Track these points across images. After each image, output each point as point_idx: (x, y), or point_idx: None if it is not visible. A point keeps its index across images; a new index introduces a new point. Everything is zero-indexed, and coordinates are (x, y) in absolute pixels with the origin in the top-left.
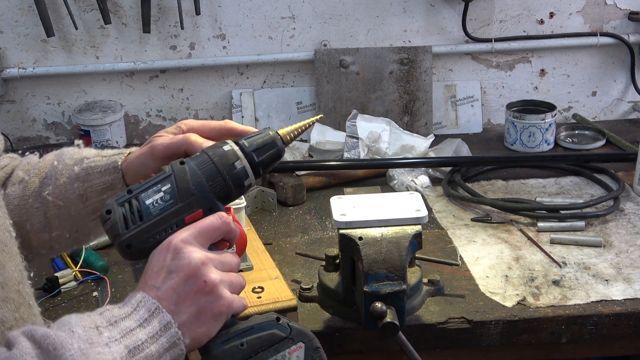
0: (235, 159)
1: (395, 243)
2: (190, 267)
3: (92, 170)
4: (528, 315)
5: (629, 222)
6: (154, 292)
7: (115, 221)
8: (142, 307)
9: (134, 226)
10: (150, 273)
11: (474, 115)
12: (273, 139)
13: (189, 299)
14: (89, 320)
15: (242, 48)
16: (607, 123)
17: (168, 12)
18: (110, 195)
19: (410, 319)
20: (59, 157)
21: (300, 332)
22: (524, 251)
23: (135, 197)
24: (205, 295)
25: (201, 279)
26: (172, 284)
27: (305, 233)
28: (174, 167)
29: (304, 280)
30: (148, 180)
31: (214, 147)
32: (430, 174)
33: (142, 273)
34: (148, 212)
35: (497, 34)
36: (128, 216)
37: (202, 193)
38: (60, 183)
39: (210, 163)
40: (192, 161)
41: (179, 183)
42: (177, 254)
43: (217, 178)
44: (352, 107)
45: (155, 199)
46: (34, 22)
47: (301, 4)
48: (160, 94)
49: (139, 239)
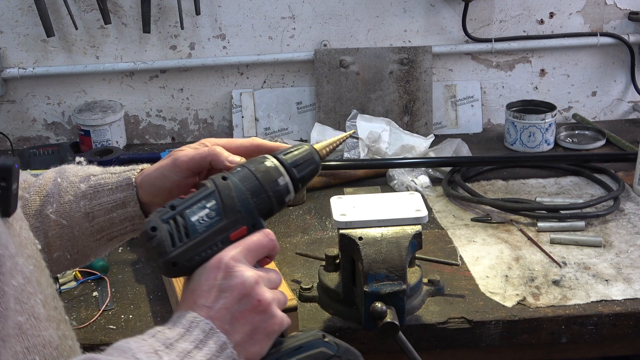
0: (279, 175)
1: (395, 243)
2: (244, 286)
3: (100, 188)
4: (528, 315)
5: (629, 222)
6: (205, 311)
7: (162, 239)
8: (195, 328)
9: (180, 244)
10: (199, 292)
11: (474, 115)
12: (312, 154)
13: (242, 318)
14: (147, 345)
15: (242, 48)
16: (607, 123)
17: (168, 12)
18: (120, 213)
19: (410, 319)
20: (61, 174)
21: (347, 349)
22: (524, 251)
23: (179, 214)
24: (258, 314)
25: (255, 298)
26: (225, 304)
27: (305, 233)
28: (217, 182)
29: (304, 280)
30: (190, 196)
31: (254, 162)
32: (430, 174)
33: (186, 291)
34: (194, 229)
35: (497, 34)
36: (174, 234)
37: (247, 210)
38: (64, 201)
39: (254, 179)
40: (234, 176)
41: (224, 199)
42: (229, 272)
43: (261, 194)
44: (352, 107)
45: (200, 215)
46: (34, 22)
47: (301, 4)
48: (160, 94)
49: (184, 257)
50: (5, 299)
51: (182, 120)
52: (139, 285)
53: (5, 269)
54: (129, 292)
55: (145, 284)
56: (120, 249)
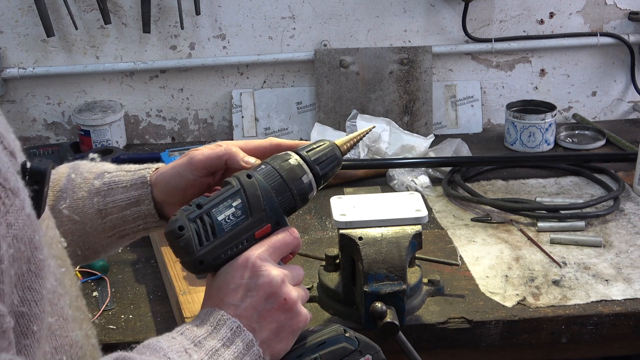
0: (302, 173)
1: (395, 243)
2: (271, 286)
3: (115, 185)
4: (528, 315)
5: (629, 222)
6: (232, 310)
7: (190, 238)
8: (223, 326)
9: (207, 243)
10: (226, 290)
11: (474, 115)
12: (334, 150)
13: (269, 316)
14: (177, 343)
15: (242, 48)
16: (607, 123)
17: (168, 12)
18: (134, 211)
19: (410, 319)
20: (75, 169)
21: (367, 344)
22: (524, 251)
23: (206, 213)
24: (284, 312)
25: (281, 297)
26: (252, 302)
27: (305, 233)
28: (243, 181)
29: (304, 280)
30: (216, 194)
31: (278, 159)
32: (430, 174)
33: (211, 288)
34: (221, 228)
35: (497, 34)
36: (201, 233)
37: (272, 208)
38: (78, 197)
39: (278, 177)
40: (258, 174)
41: (249, 198)
42: (257, 272)
43: (285, 193)
44: (352, 107)
45: (227, 214)
46: (34, 22)
47: (301, 4)
48: (160, 94)
49: (211, 256)
50: (43, 302)
51: (182, 120)
52: (139, 285)
53: (44, 273)
54: (129, 292)
55: (145, 284)
56: (120, 249)
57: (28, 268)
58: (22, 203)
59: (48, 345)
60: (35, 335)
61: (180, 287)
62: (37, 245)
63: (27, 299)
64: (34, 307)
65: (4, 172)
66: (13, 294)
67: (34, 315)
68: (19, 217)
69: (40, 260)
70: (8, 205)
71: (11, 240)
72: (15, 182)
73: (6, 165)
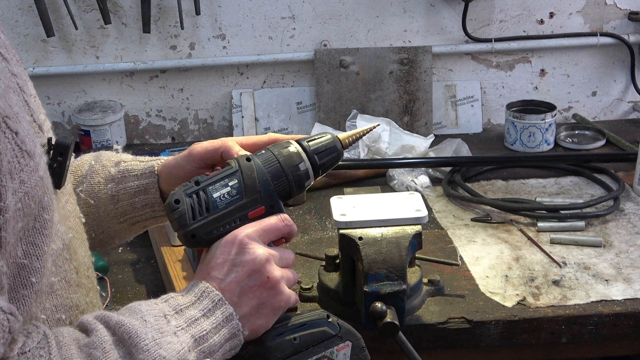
0: (300, 160)
1: (395, 243)
2: (255, 263)
3: (128, 173)
4: (528, 315)
5: (629, 222)
6: (217, 283)
7: (184, 212)
8: (205, 297)
9: (200, 217)
10: (213, 264)
11: (474, 115)
12: (334, 142)
13: (251, 292)
14: (157, 308)
15: (242, 48)
16: (607, 123)
17: (168, 12)
18: (142, 199)
19: (410, 319)
20: (96, 157)
21: (348, 331)
22: (524, 251)
23: (202, 190)
24: (267, 290)
25: (264, 275)
26: (236, 277)
27: (305, 233)
28: (241, 163)
29: (304, 280)
30: (215, 173)
31: (278, 146)
32: (430, 174)
33: (202, 262)
34: (215, 205)
35: (497, 34)
36: (196, 207)
37: (266, 191)
38: (94, 182)
39: (275, 162)
40: (257, 159)
41: (245, 180)
42: (243, 249)
43: (281, 178)
44: (352, 107)
45: (222, 192)
46: (34, 22)
47: (301, 4)
48: (160, 94)
49: (203, 230)
50: (44, 258)
51: (182, 120)
52: (139, 285)
53: (48, 232)
54: (129, 292)
55: (145, 284)
56: (120, 249)
57: (33, 225)
58: (37, 165)
59: (49, 303)
60: (34, 287)
61: (180, 287)
62: (45, 205)
63: (29, 252)
64: (34, 261)
65: (22, 136)
66: (17, 247)
67: (34, 269)
68: (31, 177)
69: (46, 220)
70: (23, 164)
71: (22, 196)
72: (32, 146)
73: (26, 131)
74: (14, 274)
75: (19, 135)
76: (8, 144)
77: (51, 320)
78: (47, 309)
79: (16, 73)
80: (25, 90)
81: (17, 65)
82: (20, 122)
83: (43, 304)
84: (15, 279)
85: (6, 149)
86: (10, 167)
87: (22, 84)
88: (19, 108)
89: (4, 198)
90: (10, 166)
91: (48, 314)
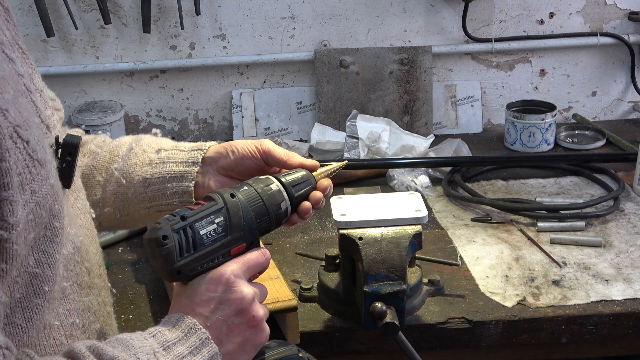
0: (282, 199)
1: (395, 243)
2: (242, 302)
3: (167, 160)
4: (528, 315)
5: (629, 222)
6: (203, 320)
7: (172, 249)
8: (193, 335)
9: (187, 254)
10: (198, 300)
11: (474, 115)
12: (309, 178)
13: (237, 330)
14: (147, 345)
15: (242, 48)
16: (607, 123)
17: (168, 12)
18: (174, 185)
19: (410, 319)
20: (136, 141)
21: None
22: (524, 251)
23: (189, 226)
24: (251, 328)
25: (250, 314)
26: (222, 315)
27: (305, 233)
28: (226, 199)
29: (304, 280)
30: (200, 208)
31: (261, 183)
32: (430, 174)
33: (182, 296)
34: (201, 242)
35: (497, 34)
36: (183, 244)
37: (250, 229)
38: (131, 163)
39: (260, 202)
40: (241, 195)
41: (232, 218)
42: (230, 287)
43: (264, 217)
44: (352, 107)
45: (209, 230)
46: (34, 22)
47: (301, 4)
48: (160, 94)
49: (188, 267)
50: (56, 265)
51: (182, 120)
52: (139, 285)
53: (59, 240)
54: (129, 292)
55: (145, 284)
56: (120, 249)
57: (44, 233)
58: (48, 174)
59: (62, 308)
60: (47, 296)
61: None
62: (56, 213)
63: (41, 261)
64: (46, 270)
65: (33, 145)
66: (29, 256)
67: (46, 277)
68: (42, 186)
69: (57, 228)
70: (34, 174)
71: (34, 206)
72: (43, 154)
73: (37, 137)
74: (26, 283)
75: (30, 144)
76: (19, 155)
77: (65, 325)
78: (61, 314)
79: (22, 73)
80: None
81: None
82: (31, 129)
83: (56, 310)
84: (28, 288)
85: (17, 161)
86: (21, 179)
87: (28, 83)
88: (27, 113)
89: (15, 213)
90: (21, 178)
91: (62, 319)
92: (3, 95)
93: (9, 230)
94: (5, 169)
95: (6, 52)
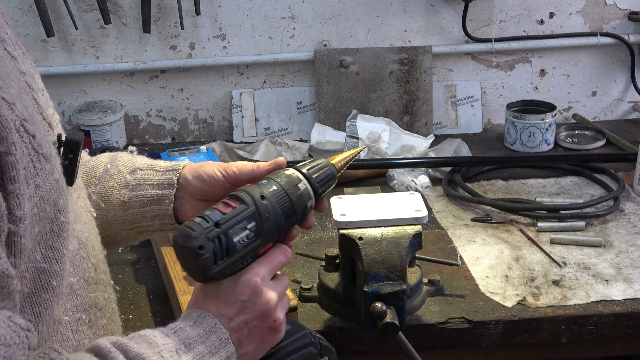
0: (309, 199)
1: (395, 243)
2: (267, 307)
3: (143, 182)
4: (528, 315)
5: (629, 222)
6: (226, 321)
7: (209, 260)
8: (213, 334)
9: (221, 262)
10: (224, 301)
11: (474, 115)
12: (332, 171)
13: (257, 332)
14: (170, 342)
15: (242, 48)
16: (607, 123)
17: (168, 12)
18: (154, 209)
19: (410, 319)
20: (112, 161)
21: (326, 347)
22: (524, 251)
23: (224, 233)
24: (271, 331)
25: (272, 318)
26: (245, 319)
27: (306, 233)
28: (257, 203)
29: (304, 280)
30: (232, 213)
31: (289, 181)
32: (430, 174)
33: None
34: (234, 249)
35: (497, 34)
36: (218, 253)
37: (279, 231)
38: (108, 185)
39: (289, 203)
40: (271, 197)
41: (264, 223)
42: (257, 292)
43: (292, 217)
44: (352, 107)
45: (242, 236)
46: (34, 22)
47: (301, 4)
48: (160, 94)
49: (222, 273)
50: (63, 260)
51: (182, 120)
52: (139, 285)
53: (65, 235)
54: (129, 292)
55: (145, 284)
56: (120, 249)
57: (51, 228)
58: (52, 168)
59: (69, 303)
60: (55, 291)
61: (180, 287)
62: (61, 208)
63: (48, 256)
64: (54, 265)
65: (39, 139)
66: (36, 251)
67: (54, 272)
68: (47, 180)
69: (63, 223)
70: (39, 168)
71: (38, 200)
72: (48, 149)
73: (42, 133)
74: (34, 278)
75: (35, 138)
76: (25, 149)
77: (72, 321)
78: (69, 310)
79: (24, 71)
80: (33, 87)
81: (24, 61)
82: (36, 124)
83: (64, 306)
84: (36, 283)
85: (23, 155)
86: (25, 172)
87: (30, 81)
88: (31, 109)
89: (22, 206)
90: (26, 172)
91: (70, 314)
92: (9, 89)
93: (16, 224)
94: (12, 162)
95: (8, 49)
